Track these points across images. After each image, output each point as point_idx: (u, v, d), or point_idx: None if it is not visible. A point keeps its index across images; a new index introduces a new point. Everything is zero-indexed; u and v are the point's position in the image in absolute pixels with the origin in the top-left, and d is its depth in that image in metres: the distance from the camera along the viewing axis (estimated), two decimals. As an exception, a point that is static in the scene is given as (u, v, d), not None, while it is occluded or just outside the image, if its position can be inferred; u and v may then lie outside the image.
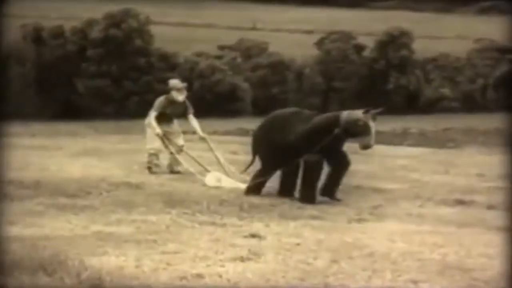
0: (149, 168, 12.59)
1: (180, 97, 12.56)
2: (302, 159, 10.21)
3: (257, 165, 10.90)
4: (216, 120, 28.98)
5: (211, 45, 55.15)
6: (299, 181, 10.45)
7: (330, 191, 10.27)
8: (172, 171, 12.64)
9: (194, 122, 12.68)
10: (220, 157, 12.44)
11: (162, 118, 12.51)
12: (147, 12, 51.37)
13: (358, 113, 9.98)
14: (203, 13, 74.19)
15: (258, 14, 73.47)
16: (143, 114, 13.44)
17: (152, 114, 12.52)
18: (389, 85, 52.85)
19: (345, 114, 10.06)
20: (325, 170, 10.36)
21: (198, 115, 13.06)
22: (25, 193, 10.06)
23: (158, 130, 12.37)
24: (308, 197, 10.16)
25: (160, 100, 12.63)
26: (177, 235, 7.73)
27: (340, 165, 10.27)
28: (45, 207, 9.21)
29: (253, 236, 7.67)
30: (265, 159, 10.64)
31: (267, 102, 51.21)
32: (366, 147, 10.00)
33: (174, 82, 12.94)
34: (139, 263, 6.43)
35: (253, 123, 31.36)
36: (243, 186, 11.14)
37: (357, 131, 9.91)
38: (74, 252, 6.59)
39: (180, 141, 12.72)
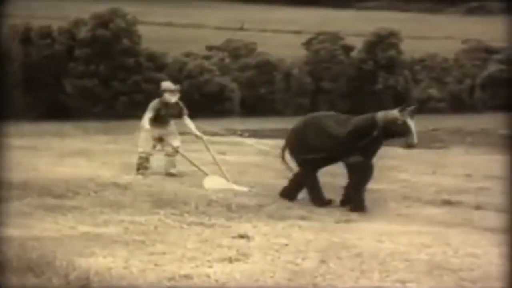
0: (138, 170, 12.55)
1: (173, 98, 12.57)
2: (344, 162, 10.01)
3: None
4: (204, 120, 28.90)
5: (199, 46, 55.17)
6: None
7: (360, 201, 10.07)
8: (168, 173, 12.57)
9: (188, 122, 12.68)
10: (216, 156, 12.36)
11: (158, 120, 12.49)
12: (135, 12, 51.31)
13: (394, 113, 9.71)
14: (191, 13, 74.21)
15: (246, 15, 73.52)
16: (132, 114, 13.42)
17: (146, 115, 12.49)
18: (377, 85, 52.98)
19: (381, 115, 9.81)
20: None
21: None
22: (13, 193, 10.01)
23: (146, 126, 12.34)
24: (359, 204, 9.86)
25: (154, 102, 12.65)
26: (165, 235, 7.73)
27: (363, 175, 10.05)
28: (33, 207, 9.17)
29: (241, 236, 7.67)
30: (302, 163, 10.39)
31: (255, 102, 51.32)
32: (409, 146, 9.72)
33: (167, 84, 12.99)
34: (127, 264, 6.42)
35: (241, 123, 31.37)
36: (242, 188, 11.06)
37: (397, 130, 9.67)
38: (62, 253, 6.57)
39: (176, 142, 12.65)
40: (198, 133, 12.55)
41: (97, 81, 47.94)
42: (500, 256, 7.01)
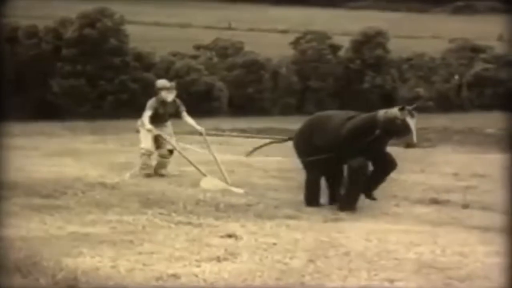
0: (143, 169, 12.33)
1: (170, 96, 12.42)
2: (346, 164, 9.83)
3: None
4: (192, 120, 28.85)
5: (186, 45, 55.09)
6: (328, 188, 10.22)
7: (368, 190, 9.93)
8: (157, 174, 12.43)
9: (188, 119, 12.46)
10: (216, 155, 12.20)
11: (156, 119, 12.31)
12: (122, 12, 51.19)
13: (394, 111, 9.58)
14: (178, 12, 74.15)
15: (233, 14, 73.53)
16: (119, 114, 13.36)
17: (146, 113, 12.29)
18: (364, 84, 53.07)
19: (382, 114, 9.66)
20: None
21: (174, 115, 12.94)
22: (0, 194, 9.97)
23: (148, 126, 12.19)
24: (349, 204, 9.78)
25: (151, 101, 12.43)
26: (153, 235, 7.71)
27: (386, 166, 9.92)
28: (20, 207, 9.14)
29: (229, 236, 7.66)
30: (308, 165, 10.20)
31: (243, 101, 51.29)
32: (409, 145, 9.62)
33: (162, 82, 12.74)
34: (115, 264, 6.40)
35: (229, 123, 31.38)
36: (239, 190, 10.95)
37: (397, 130, 9.52)
38: (49, 253, 6.55)
39: (172, 142, 12.51)
40: (199, 128, 12.41)
41: (84, 80, 47.81)
42: (490, 255, 7.03)
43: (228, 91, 50.83)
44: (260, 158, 14.46)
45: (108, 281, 5.88)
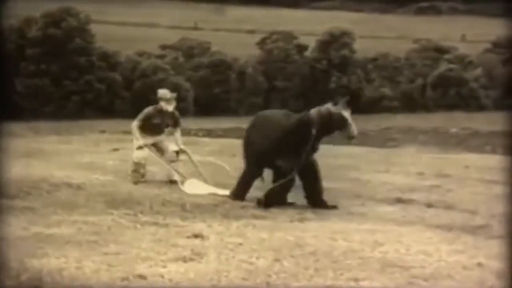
0: (134, 177, 12.02)
1: (170, 107, 12.22)
2: (279, 165, 9.92)
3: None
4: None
5: (152, 44, 54.93)
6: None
7: (320, 200, 10.03)
8: (171, 181, 12.08)
9: (177, 134, 12.21)
10: (202, 169, 12.03)
11: (152, 129, 12.14)
12: (88, 11, 50.88)
13: (328, 107, 9.72)
14: (145, 12, 73.89)
15: (199, 14, 73.44)
16: (83, 114, 13.28)
17: (134, 124, 12.06)
18: (330, 84, 53.29)
19: (315, 111, 9.77)
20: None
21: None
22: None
23: (140, 141, 11.97)
24: (271, 202, 9.87)
25: (147, 110, 12.19)
26: (119, 236, 7.69)
27: (311, 175, 10.00)
28: (-17, 209, 9.06)
29: (195, 236, 7.66)
30: (247, 162, 10.34)
31: (209, 101, 51.24)
32: (350, 137, 9.73)
33: (163, 92, 12.46)
34: (80, 265, 6.38)
35: (195, 123, 31.32)
36: (223, 192, 10.84)
37: (334, 124, 9.65)
38: (14, 254, 6.50)
39: (173, 147, 12.29)
40: (182, 146, 12.20)
41: (48, 80, 47.45)
42: (453, 253, 7.11)
43: (194, 91, 50.76)
44: (225, 158, 14.49)
45: (74, 282, 5.85)
